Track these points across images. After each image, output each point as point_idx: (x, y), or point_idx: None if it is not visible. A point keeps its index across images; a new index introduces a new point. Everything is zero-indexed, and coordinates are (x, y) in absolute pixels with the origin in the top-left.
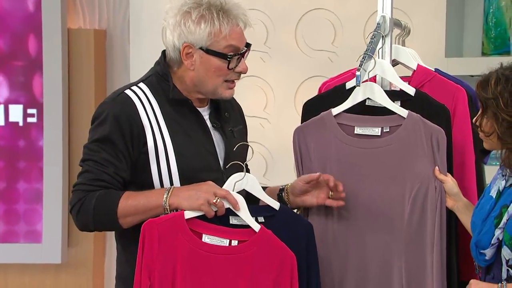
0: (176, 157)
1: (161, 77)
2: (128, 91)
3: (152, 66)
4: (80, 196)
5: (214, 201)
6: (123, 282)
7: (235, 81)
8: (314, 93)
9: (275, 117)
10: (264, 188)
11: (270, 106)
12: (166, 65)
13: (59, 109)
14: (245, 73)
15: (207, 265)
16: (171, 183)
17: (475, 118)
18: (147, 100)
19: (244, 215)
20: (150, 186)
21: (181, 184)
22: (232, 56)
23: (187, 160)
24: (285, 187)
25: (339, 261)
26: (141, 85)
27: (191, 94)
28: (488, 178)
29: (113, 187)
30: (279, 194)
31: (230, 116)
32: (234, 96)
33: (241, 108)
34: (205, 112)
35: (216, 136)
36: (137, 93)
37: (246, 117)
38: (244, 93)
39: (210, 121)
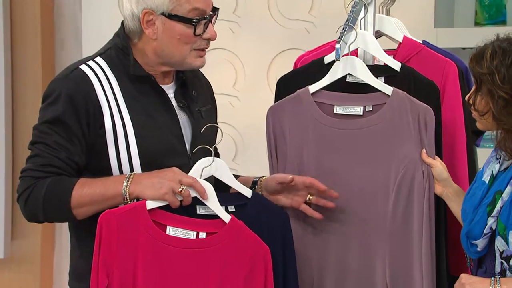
0: (137, 140)
1: (120, 51)
2: (83, 66)
3: (110, 38)
4: (28, 184)
5: (180, 189)
6: (78, 279)
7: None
8: (289, 68)
9: (246, 94)
10: (235, 177)
11: (240, 83)
12: (126, 37)
13: (0, 87)
14: (214, 39)
15: (172, 260)
16: (131, 169)
17: (468, 95)
18: (104, 77)
19: (213, 204)
20: (108, 172)
21: (142, 170)
22: (198, 20)
23: (149, 143)
24: (258, 180)
25: (317, 254)
26: (98, 59)
27: (154, 68)
28: (480, 162)
29: (66, 174)
30: (252, 187)
31: (198, 95)
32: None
33: (210, 85)
34: (170, 90)
35: (182, 117)
36: (94, 69)
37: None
38: (211, 68)
39: (175, 100)
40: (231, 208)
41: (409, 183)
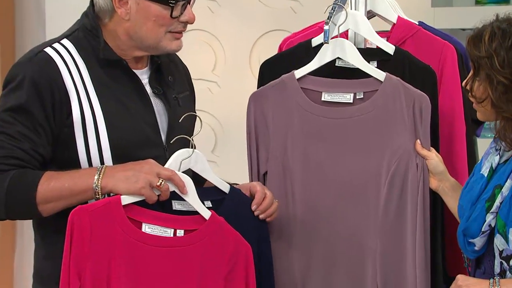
0: (108, 129)
1: (89, 32)
2: (48, 49)
3: (77, 18)
4: None
5: (158, 183)
6: (42, 282)
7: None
8: (274, 51)
9: (226, 80)
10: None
11: (219, 67)
12: (95, 17)
13: None
14: (192, 23)
15: (149, 259)
16: (102, 162)
17: (465, 81)
18: (72, 61)
19: (192, 199)
20: (76, 165)
21: (114, 163)
22: (176, 1)
23: (121, 133)
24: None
25: (301, 252)
26: (65, 41)
27: (126, 52)
28: (481, 153)
29: (30, 166)
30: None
31: (174, 80)
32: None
33: (187, 70)
34: (144, 76)
35: (157, 105)
36: (60, 52)
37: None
38: (188, 51)
39: (150, 86)
40: (208, 204)
41: (403, 177)
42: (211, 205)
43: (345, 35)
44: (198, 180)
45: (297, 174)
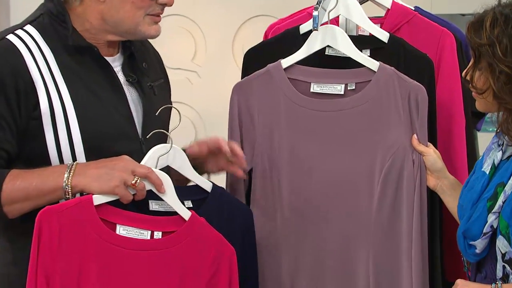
0: (79, 122)
1: (55, 18)
2: (10, 37)
3: (41, 1)
4: None
5: (133, 182)
6: (9, 287)
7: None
8: (259, 38)
9: (207, 70)
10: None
11: (200, 56)
12: (61, 1)
13: None
14: (170, 5)
15: (123, 264)
16: (73, 157)
17: (465, 70)
18: (37, 48)
19: (171, 199)
20: (45, 161)
21: (87, 157)
22: None
23: (94, 124)
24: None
25: (289, 255)
26: (28, 28)
27: (97, 37)
28: (482, 149)
29: None
30: None
31: (148, 67)
32: (152, 42)
33: (159, 56)
34: (116, 63)
35: (131, 94)
36: (24, 39)
37: (169, 70)
38: (165, 38)
39: (123, 74)
40: (188, 204)
41: (398, 174)
42: (191, 205)
43: (335, 21)
44: (179, 180)
45: (285, 171)
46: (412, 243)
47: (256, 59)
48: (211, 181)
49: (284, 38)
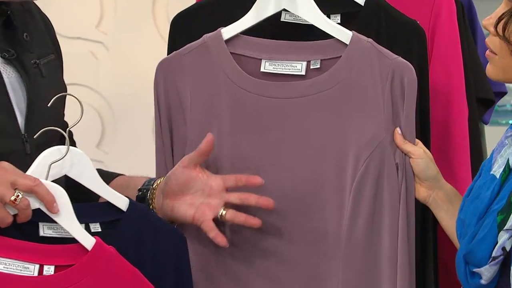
0: None
1: None
2: None
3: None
4: None
5: (13, 198)
6: None
7: None
8: (190, 1)
9: (118, 40)
10: (109, 177)
11: (107, 21)
12: None
13: None
14: None
15: None
16: None
17: (494, 15)
18: None
19: (67, 221)
20: None
21: None
22: None
23: None
24: (155, 180)
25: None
26: None
27: None
28: (491, 148)
29: None
30: (142, 190)
31: (32, 39)
32: (41, 5)
33: (50, 23)
34: None
35: (9, 75)
36: None
37: (64, 40)
38: None
39: None
40: (96, 227)
41: (375, 182)
42: (99, 229)
43: None
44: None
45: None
46: (396, 272)
47: (187, 27)
48: (128, 197)
49: (225, 0)
